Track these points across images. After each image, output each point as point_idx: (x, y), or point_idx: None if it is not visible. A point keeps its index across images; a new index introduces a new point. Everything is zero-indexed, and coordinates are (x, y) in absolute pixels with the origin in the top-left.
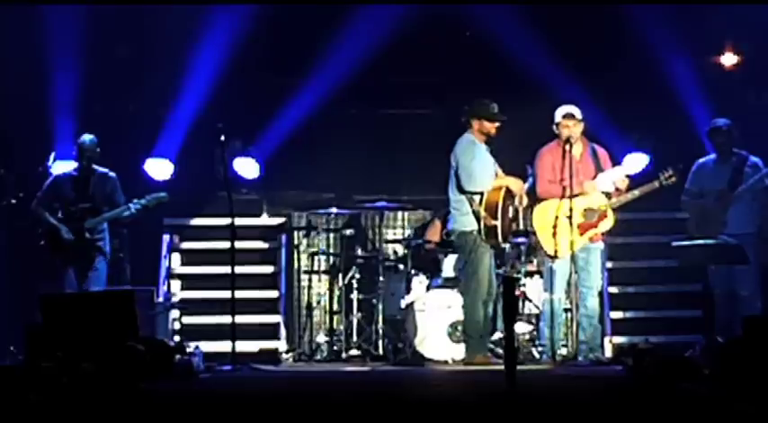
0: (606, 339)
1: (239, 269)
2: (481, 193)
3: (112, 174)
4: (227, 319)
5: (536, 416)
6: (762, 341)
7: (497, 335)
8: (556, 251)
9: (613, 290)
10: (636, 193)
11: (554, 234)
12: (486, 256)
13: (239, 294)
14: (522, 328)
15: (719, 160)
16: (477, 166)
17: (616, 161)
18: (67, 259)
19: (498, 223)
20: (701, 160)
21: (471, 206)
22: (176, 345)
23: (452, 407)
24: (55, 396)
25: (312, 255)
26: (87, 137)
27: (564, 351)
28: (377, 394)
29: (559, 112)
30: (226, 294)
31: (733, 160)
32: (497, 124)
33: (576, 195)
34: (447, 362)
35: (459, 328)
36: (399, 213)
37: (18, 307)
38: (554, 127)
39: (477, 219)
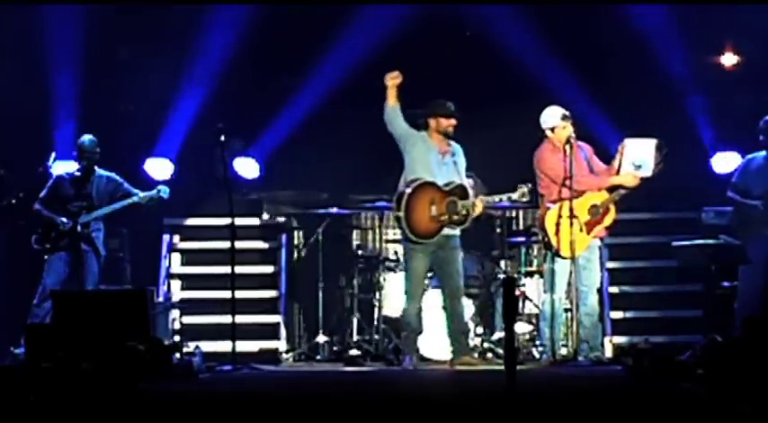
0: (606, 339)
1: (239, 269)
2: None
3: (114, 175)
4: (227, 319)
5: (536, 416)
6: (761, 341)
7: (497, 335)
8: (572, 251)
9: (613, 290)
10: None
11: (570, 234)
12: (413, 259)
13: (239, 294)
14: (522, 328)
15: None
16: (414, 152)
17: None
18: (55, 247)
19: (402, 214)
20: (750, 156)
21: None
22: (172, 344)
23: (452, 407)
24: (55, 396)
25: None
26: (87, 137)
27: (564, 351)
28: (377, 394)
29: (556, 114)
30: (226, 294)
31: None
32: (453, 122)
33: (616, 188)
34: (447, 362)
35: None
36: None
37: (19, 307)
38: (548, 130)
39: None
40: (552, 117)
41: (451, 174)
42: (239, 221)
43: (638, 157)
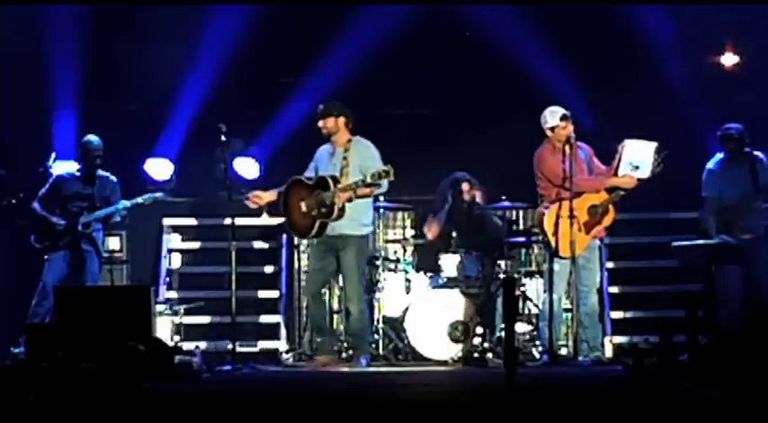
0: (606, 339)
1: (239, 269)
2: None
3: (113, 177)
4: (227, 319)
5: (536, 416)
6: (761, 340)
7: (497, 335)
8: (571, 251)
9: (613, 290)
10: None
11: (569, 234)
12: (310, 255)
13: (239, 294)
14: (522, 328)
15: (732, 163)
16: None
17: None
18: (55, 246)
19: (284, 219)
20: (710, 166)
21: None
22: (175, 345)
23: (452, 407)
24: (55, 396)
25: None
26: (94, 138)
27: (564, 351)
28: (377, 394)
29: (554, 115)
30: (226, 294)
31: (746, 161)
32: (319, 123)
33: (615, 189)
34: (447, 362)
35: (460, 327)
36: (399, 213)
37: (19, 307)
38: (548, 130)
39: None
40: (552, 117)
41: (336, 168)
42: (239, 221)
43: (637, 158)
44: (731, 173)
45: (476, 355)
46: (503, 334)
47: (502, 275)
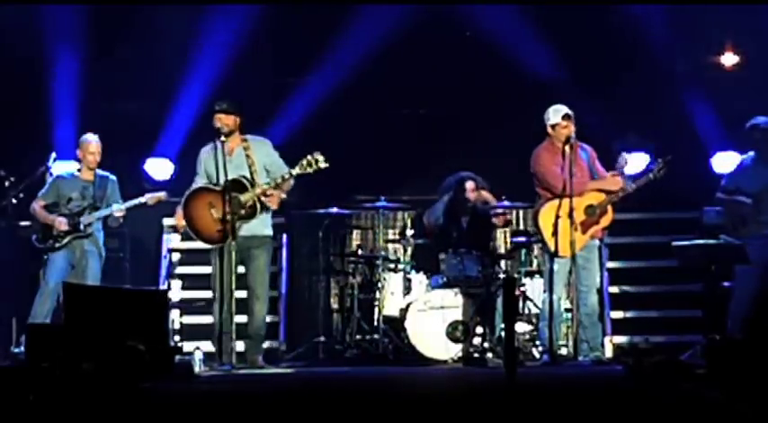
0: (606, 339)
1: (239, 269)
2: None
3: (113, 176)
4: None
5: (536, 416)
6: (762, 341)
7: (497, 335)
8: (568, 250)
9: (613, 290)
10: (633, 186)
11: (568, 234)
12: (216, 260)
13: (239, 294)
14: (522, 328)
15: (759, 160)
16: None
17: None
18: (56, 246)
19: (185, 226)
20: (742, 158)
21: None
22: (175, 345)
23: (452, 407)
24: (55, 396)
25: (312, 255)
26: (92, 137)
27: (564, 351)
28: (377, 394)
29: (557, 113)
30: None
31: None
32: (221, 117)
33: (610, 192)
34: (447, 362)
35: (460, 327)
36: (399, 213)
37: (19, 307)
38: (549, 128)
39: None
40: (555, 114)
41: (240, 169)
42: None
43: (632, 171)
44: (755, 169)
45: (476, 355)
46: (503, 334)
47: (502, 275)
